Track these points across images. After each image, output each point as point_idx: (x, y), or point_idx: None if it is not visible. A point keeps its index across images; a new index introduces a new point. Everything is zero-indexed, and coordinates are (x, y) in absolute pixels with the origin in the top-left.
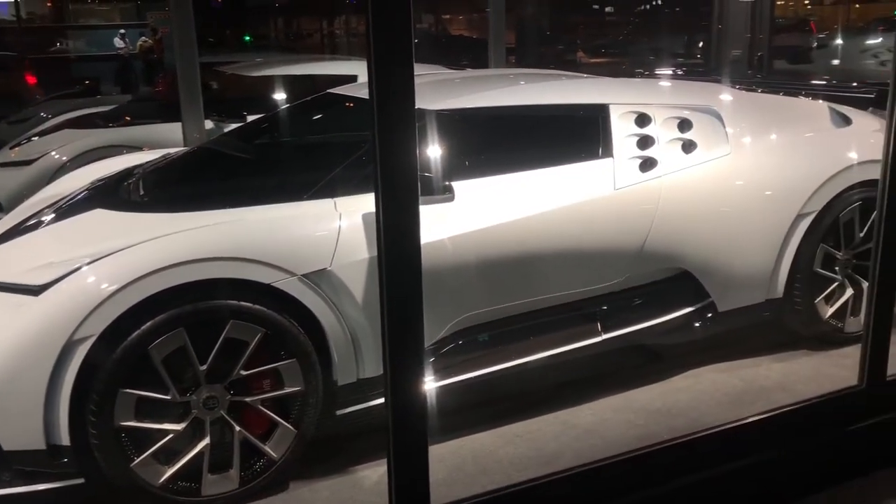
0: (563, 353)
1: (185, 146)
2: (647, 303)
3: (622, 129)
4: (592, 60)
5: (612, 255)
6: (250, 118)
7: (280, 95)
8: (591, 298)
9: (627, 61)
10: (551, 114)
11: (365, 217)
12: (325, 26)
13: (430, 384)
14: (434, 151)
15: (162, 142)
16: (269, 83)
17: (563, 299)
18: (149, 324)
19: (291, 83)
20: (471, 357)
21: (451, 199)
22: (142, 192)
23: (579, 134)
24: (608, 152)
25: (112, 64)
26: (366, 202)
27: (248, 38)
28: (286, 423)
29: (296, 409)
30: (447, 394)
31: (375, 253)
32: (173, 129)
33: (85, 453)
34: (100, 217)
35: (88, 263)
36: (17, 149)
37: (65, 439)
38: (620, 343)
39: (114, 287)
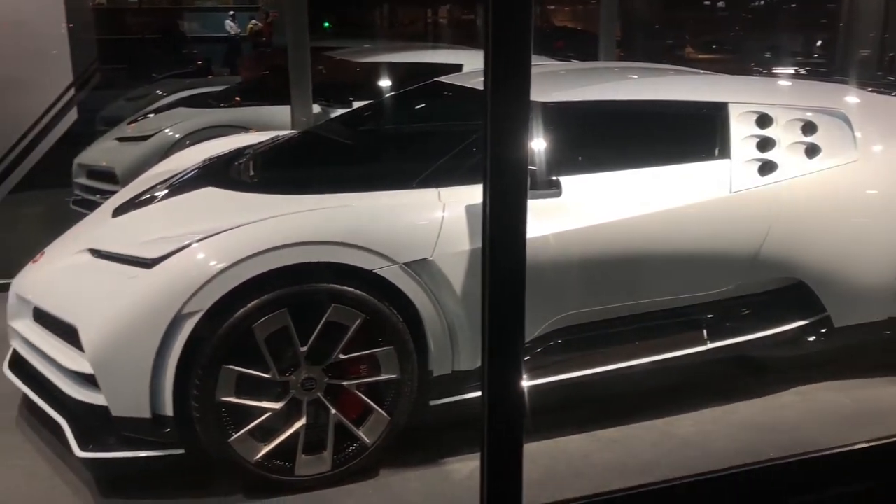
0: (665, 359)
1: (292, 129)
2: (758, 313)
3: (741, 129)
4: (701, 57)
5: (723, 262)
6: (357, 104)
7: (387, 83)
8: (699, 305)
9: (740, 59)
10: (667, 110)
11: (469, 208)
12: (430, 14)
13: (525, 382)
14: (543, 145)
15: (270, 124)
16: (376, 70)
17: (669, 304)
18: (254, 302)
19: (399, 71)
20: (568, 357)
21: (558, 194)
22: (252, 173)
23: (695, 133)
24: (725, 153)
25: (222, 46)
26: (470, 193)
27: (327, 25)
28: (380, 410)
29: (390, 396)
30: (541, 393)
31: (477, 245)
32: (281, 112)
33: (186, 425)
34: (211, 195)
35: (199, 240)
36: (133, 125)
37: (168, 410)
38: (726, 353)
39: (223, 265)
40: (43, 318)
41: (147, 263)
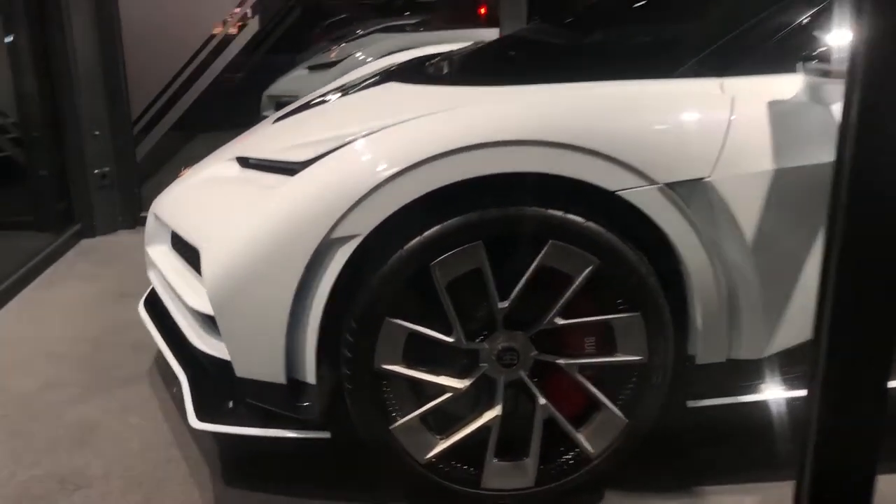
0: None
1: None
2: None
3: None
4: None
5: None
6: None
7: None
8: None
9: None
10: None
11: (773, 106)
12: None
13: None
14: None
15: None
16: None
17: None
18: (436, 228)
19: None
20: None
21: None
22: (452, 69)
23: None
24: None
25: None
26: (771, 87)
27: None
28: (613, 407)
29: (629, 388)
30: None
31: (790, 164)
32: (483, 34)
33: (333, 399)
34: (392, 90)
35: (363, 136)
36: (325, 53)
37: (309, 375)
38: None
39: (392, 170)
40: (179, 243)
41: (293, 168)
